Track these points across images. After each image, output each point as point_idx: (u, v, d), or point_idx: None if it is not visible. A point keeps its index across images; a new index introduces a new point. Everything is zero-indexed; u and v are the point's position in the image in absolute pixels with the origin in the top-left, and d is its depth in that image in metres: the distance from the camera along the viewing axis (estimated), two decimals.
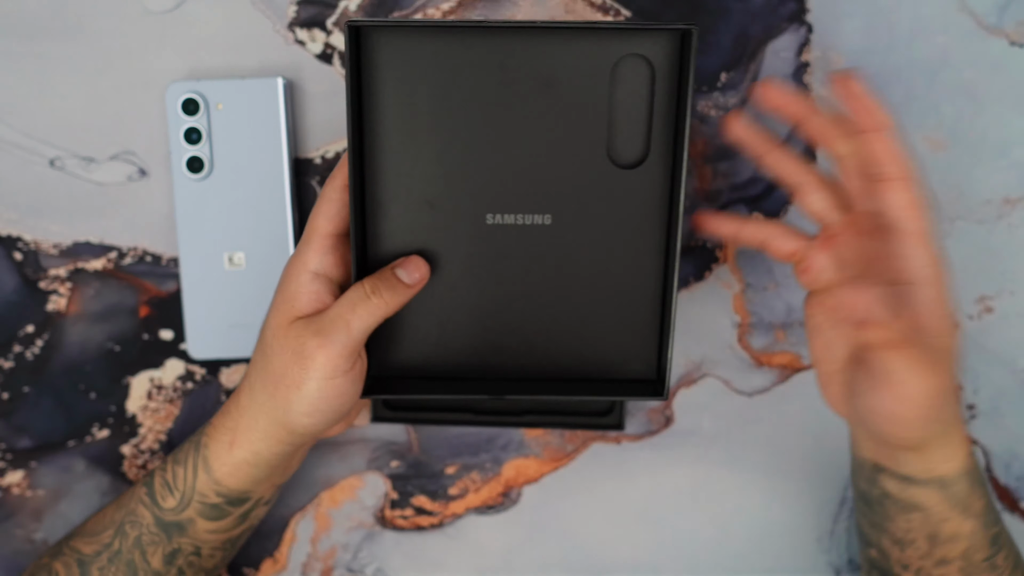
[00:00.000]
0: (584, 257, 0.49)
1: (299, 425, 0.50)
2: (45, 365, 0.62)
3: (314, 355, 0.47)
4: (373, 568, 0.64)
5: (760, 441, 0.63)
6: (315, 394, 0.48)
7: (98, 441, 0.63)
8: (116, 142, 0.61)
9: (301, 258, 0.49)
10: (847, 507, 0.63)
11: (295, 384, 0.48)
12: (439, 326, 0.50)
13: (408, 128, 0.47)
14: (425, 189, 0.48)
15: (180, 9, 0.60)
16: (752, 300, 0.62)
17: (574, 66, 0.46)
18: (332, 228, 0.48)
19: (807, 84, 0.60)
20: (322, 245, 0.49)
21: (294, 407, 0.49)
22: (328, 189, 0.49)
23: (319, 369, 0.47)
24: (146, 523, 0.54)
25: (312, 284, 0.49)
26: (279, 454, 0.52)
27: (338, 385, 0.48)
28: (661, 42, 0.46)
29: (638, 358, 0.51)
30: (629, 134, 0.48)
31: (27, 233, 0.62)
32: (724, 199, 0.61)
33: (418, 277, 0.48)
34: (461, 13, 0.60)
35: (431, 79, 0.46)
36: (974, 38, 0.60)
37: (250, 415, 0.51)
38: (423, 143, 0.47)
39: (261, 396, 0.50)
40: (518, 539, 0.64)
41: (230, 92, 0.59)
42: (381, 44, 0.46)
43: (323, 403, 0.48)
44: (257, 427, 0.51)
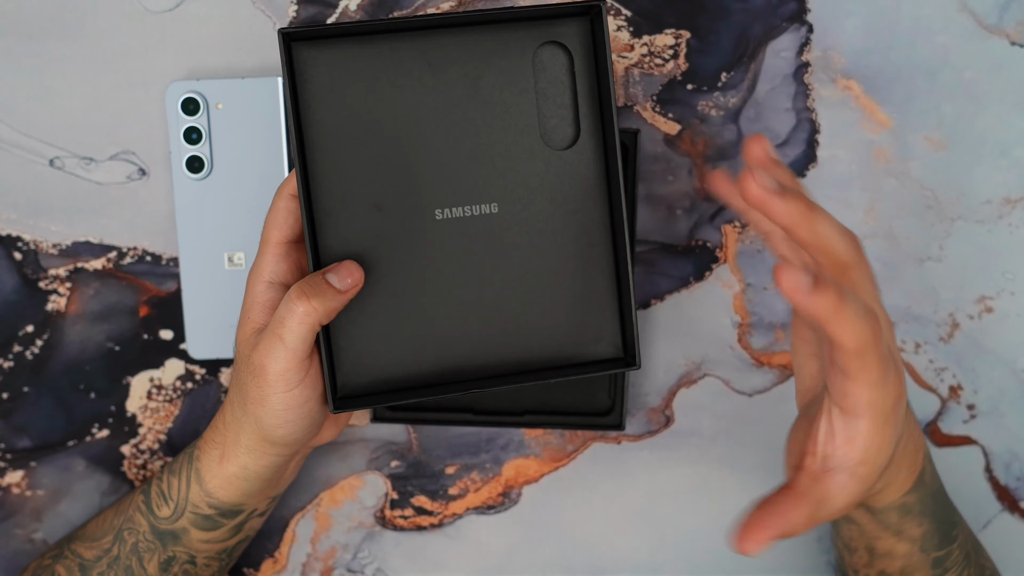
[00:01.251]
0: (535, 241, 0.50)
1: (276, 437, 0.49)
2: (45, 365, 0.62)
3: (264, 371, 0.47)
4: (373, 568, 0.64)
5: (760, 441, 0.63)
6: (279, 406, 0.48)
7: (98, 441, 0.63)
8: (116, 142, 0.61)
9: (256, 269, 0.49)
10: None
11: (258, 400, 0.48)
12: (402, 330, 0.50)
13: (347, 133, 0.48)
14: (371, 192, 0.48)
15: (180, 9, 0.60)
16: (752, 300, 0.62)
17: (496, 57, 0.48)
18: (282, 236, 0.48)
19: (807, 84, 0.60)
20: (274, 253, 0.48)
21: (264, 421, 0.49)
22: (277, 198, 0.49)
23: (272, 384, 0.47)
24: (142, 531, 0.54)
25: (267, 293, 0.48)
26: (268, 466, 0.52)
27: (296, 395, 0.47)
28: (573, 26, 0.48)
29: (603, 338, 0.51)
30: (558, 117, 0.49)
31: (27, 233, 0.62)
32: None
33: (350, 282, 0.47)
34: None
35: (363, 83, 0.47)
36: (974, 38, 0.60)
37: (234, 430, 0.51)
38: (363, 146, 0.48)
39: (239, 412, 0.50)
40: (518, 539, 0.64)
41: (230, 92, 0.59)
42: (311, 52, 0.47)
43: (289, 413, 0.48)
44: (241, 442, 0.51)
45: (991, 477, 0.63)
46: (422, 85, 0.48)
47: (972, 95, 0.60)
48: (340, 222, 0.48)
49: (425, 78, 0.48)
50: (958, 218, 0.61)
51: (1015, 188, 0.61)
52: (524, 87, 0.48)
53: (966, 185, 0.61)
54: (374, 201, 0.48)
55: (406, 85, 0.47)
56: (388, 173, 0.48)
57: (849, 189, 0.61)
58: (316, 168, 0.48)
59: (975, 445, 0.62)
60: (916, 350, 0.62)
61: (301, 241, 0.49)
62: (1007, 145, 0.60)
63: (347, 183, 0.48)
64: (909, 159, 0.61)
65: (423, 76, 0.47)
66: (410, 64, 0.47)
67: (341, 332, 0.49)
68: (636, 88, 0.60)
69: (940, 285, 0.61)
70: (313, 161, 0.48)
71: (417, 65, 0.47)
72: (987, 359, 0.62)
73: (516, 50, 0.48)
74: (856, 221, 0.61)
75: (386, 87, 0.47)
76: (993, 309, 0.62)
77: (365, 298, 0.49)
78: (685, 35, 0.60)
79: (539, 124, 0.49)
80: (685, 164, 0.61)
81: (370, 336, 0.49)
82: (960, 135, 0.60)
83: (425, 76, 0.48)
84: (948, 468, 0.63)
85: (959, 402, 0.62)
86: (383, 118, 0.48)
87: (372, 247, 0.49)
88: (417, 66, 0.47)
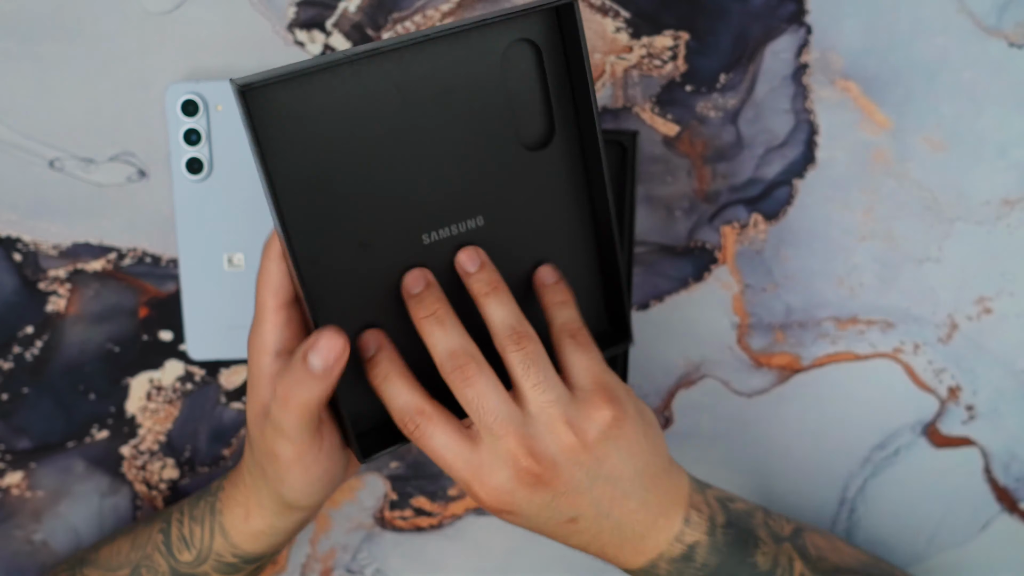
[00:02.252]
0: (524, 247, 0.49)
1: (302, 503, 0.49)
2: (44, 366, 0.62)
3: (278, 453, 0.46)
4: (372, 569, 0.64)
5: (759, 442, 0.63)
6: (299, 480, 0.47)
7: (97, 442, 0.63)
8: (116, 143, 0.61)
9: (259, 340, 0.46)
10: (846, 508, 0.63)
11: (277, 480, 0.47)
12: (405, 361, 0.49)
13: (320, 176, 0.44)
14: (354, 232, 0.46)
15: (179, 10, 0.60)
16: (751, 301, 0.62)
17: (465, 66, 0.46)
18: (279, 301, 0.46)
19: (806, 85, 0.60)
20: (275, 321, 0.46)
21: (287, 495, 0.48)
22: (265, 261, 0.46)
23: (288, 463, 0.46)
24: (162, 571, 0.54)
25: (274, 366, 0.46)
26: (296, 521, 0.51)
27: (314, 471, 0.47)
28: (541, 21, 0.47)
29: (590, 321, 0.51)
30: (531, 116, 0.48)
31: (27, 234, 0.62)
32: (723, 200, 0.61)
33: (333, 358, 0.43)
34: (461, 14, 0.60)
35: (329, 121, 0.44)
36: (974, 39, 0.60)
37: (256, 494, 0.50)
38: (339, 186, 0.45)
39: (260, 481, 0.49)
40: (518, 539, 0.64)
41: (230, 93, 0.59)
42: (268, 99, 0.43)
43: (311, 487, 0.48)
44: (266, 505, 0.50)
45: (990, 478, 0.63)
46: (392, 110, 0.45)
47: (971, 96, 0.60)
48: (328, 270, 0.46)
49: (394, 102, 0.45)
50: (957, 219, 0.61)
51: (1014, 189, 0.61)
52: (496, 91, 0.47)
53: (965, 186, 0.61)
54: (359, 240, 0.46)
55: (375, 114, 0.45)
56: (368, 208, 0.46)
57: (848, 190, 0.61)
58: (293, 219, 0.44)
59: (974, 446, 0.63)
60: (915, 351, 0.62)
61: (296, 303, 0.47)
62: (1006, 146, 0.60)
63: (328, 229, 0.45)
64: (908, 160, 0.61)
65: (391, 101, 0.45)
66: (377, 91, 0.44)
67: (346, 384, 0.48)
68: (635, 89, 0.60)
69: (939, 286, 0.61)
70: (289, 212, 0.44)
71: (384, 90, 0.44)
72: (986, 360, 0.62)
73: (484, 54, 0.46)
74: (855, 222, 0.61)
75: (354, 120, 0.44)
76: (992, 310, 0.62)
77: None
78: (684, 36, 0.60)
79: (514, 127, 0.48)
80: (684, 165, 0.61)
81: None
82: (959, 136, 0.60)
83: (393, 100, 0.45)
84: (947, 469, 0.63)
85: (958, 403, 0.62)
86: (355, 152, 0.45)
87: (364, 288, 0.47)
88: (384, 92, 0.44)
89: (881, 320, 0.62)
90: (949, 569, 0.63)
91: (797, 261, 0.61)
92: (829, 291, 0.62)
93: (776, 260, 0.62)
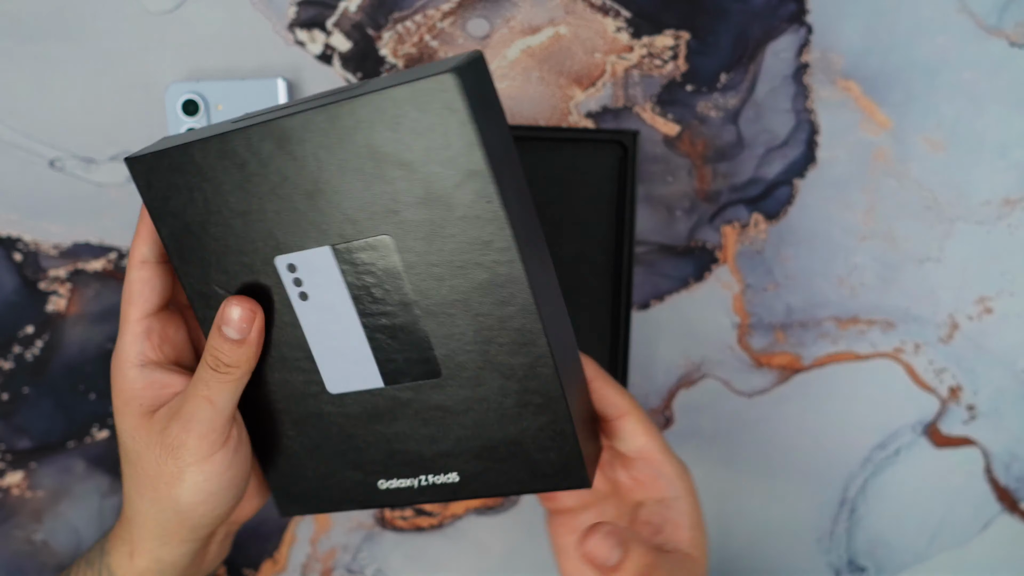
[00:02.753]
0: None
1: (196, 516, 0.46)
2: (45, 366, 0.62)
3: (183, 441, 0.44)
4: (373, 569, 0.64)
5: (760, 442, 0.63)
6: (199, 478, 0.45)
7: (98, 442, 0.63)
8: (116, 143, 0.61)
9: (121, 354, 0.46)
10: (847, 508, 0.63)
11: (175, 477, 0.45)
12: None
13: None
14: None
15: (180, 10, 0.60)
16: (752, 301, 0.62)
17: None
18: (139, 312, 0.45)
19: (807, 85, 0.60)
20: (135, 333, 0.45)
21: (183, 499, 0.45)
22: (127, 271, 0.46)
23: (192, 453, 0.44)
24: None
25: (141, 377, 0.45)
26: (185, 554, 0.48)
27: (218, 461, 0.45)
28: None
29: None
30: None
31: (27, 234, 0.62)
32: (724, 200, 0.61)
33: (244, 326, 0.43)
34: (461, 14, 0.60)
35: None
36: (974, 39, 0.60)
37: (138, 524, 0.47)
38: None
39: (141, 504, 0.46)
40: (518, 539, 0.64)
41: (230, 93, 0.59)
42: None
43: (210, 484, 0.45)
44: (150, 535, 0.47)
45: (991, 478, 0.63)
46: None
47: (971, 96, 0.60)
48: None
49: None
50: (957, 219, 0.61)
51: (1014, 189, 0.61)
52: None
53: (965, 186, 0.61)
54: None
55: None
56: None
57: (848, 190, 0.61)
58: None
59: (975, 446, 0.63)
60: (916, 351, 0.62)
61: (161, 311, 0.46)
62: (1006, 146, 0.60)
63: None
64: (908, 160, 0.61)
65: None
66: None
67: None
68: (635, 89, 0.60)
69: (940, 286, 0.61)
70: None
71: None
72: (987, 360, 0.62)
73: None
74: (855, 222, 0.61)
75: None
76: (993, 310, 0.62)
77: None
78: (684, 36, 0.60)
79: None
80: (685, 165, 0.61)
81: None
82: (959, 136, 0.60)
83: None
84: (948, 469, 0.63)
85: (959, 403, 0.62)
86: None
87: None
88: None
89: (882, 320, 0.62)
90: (950, 569, 0.63)
91: (798, 261, 0.61)
92: (830, 291, 0.62)
93: (777, 260, 0.62)
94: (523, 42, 0.60)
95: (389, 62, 0.60)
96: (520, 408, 0.44)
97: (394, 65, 0.60)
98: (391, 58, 0.60)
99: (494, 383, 0.44)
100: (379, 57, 0.60)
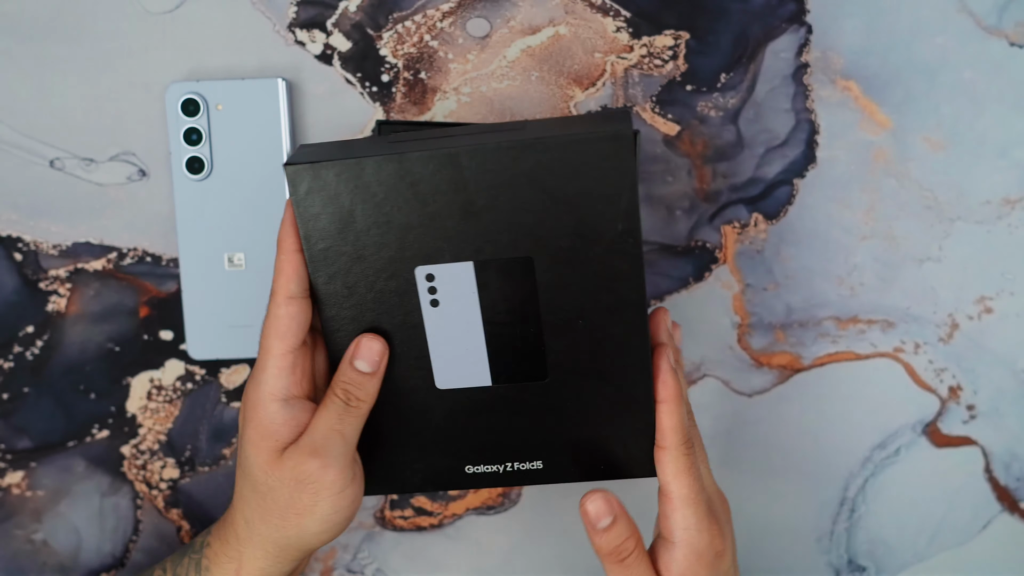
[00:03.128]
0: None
1: (314, 543, 0.49)
2: (45, 365, 0.62)
3: (320, 478, 0.47)
4: (373, 569, 0.64)
5: (760, 441, 0.63)
6: (329, 512, 0.48)
7: (98, 441, 0.63)
8: (116, 143, 0.61)
9: (265, 387, 0.48)
10: (847, 507, 0.63)
11: (306, 510, 0.47)
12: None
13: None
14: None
15: (180, 10, 0.60)
16: (752, 300, 0.62)
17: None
18: (287, 346, 0.47)
19: (807, 85, 0.60)
20: (279, 367, 0.47)
21: (311, 528, 0.48)
22: (272, 306, 0.48)
23: (328, 488, 0.47)
24: None
25: (283, 412, 0.47)
26: (289, 571, 0.51)
27: (348, 495, 0.48)
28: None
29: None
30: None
31: (27, 233, 0.62)
32: (724, 199, 0.61)
33: (376, 359, 0.48)
34: (461, 14, 0.60)
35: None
36: (974, 39, 0.60)
37: (253, 545, 0.50)
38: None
39: (263, 528, 0.49)
40: (518, 539, 0.64)
41: (230, 93, 0.59)
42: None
43: (338, 515, 0.48)
44: (264, 555, 0.50)
45: (991, 477, 0.63)
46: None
47: (971, 96, 0.60)
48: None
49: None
50: (957, 218, 0.61)
51: (1014, 188, 0.61)
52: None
53: (965, 186, 0.61)
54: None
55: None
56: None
57: (848, 190, 0.61)
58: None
59: (975, 445, 0.62)
60: (916, 351, 0.62)
61: (304, 346, 0.48)
62: (1006, 146, 0.60)
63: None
64: (908, 160, 0.61)
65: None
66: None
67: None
68: (635, 89, 0.60)
69: (940, 285, 0.61)
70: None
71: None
72: (987, 359, 0.62)
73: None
74: (856, 221, 0.61)
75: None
76: (993, 309, 0.62)
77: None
78: (684, 36, 0.60)
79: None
80: (684, 165, 0.61)
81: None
82: (959, 136, 0.60)
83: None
84: (948, 468, 0.63)
85: (959, 402, 0.62)
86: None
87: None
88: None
89: (882, 320, 0.62)
90: (950, 569, 0.63)
91: (798, 261, 0.61)
92: (830, 291, 0.62)
93: (776, 260, 0.62)
94: (523, 42, 0.60)
95: (389, 62, 0.60)
96: (613, 411, 0.50)
97: (394, 65, 0.60)
98: (391, 58, 0.60)
99: (594, 388, 0.50)
100: (379, 57, 0.60)
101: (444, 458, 0.52)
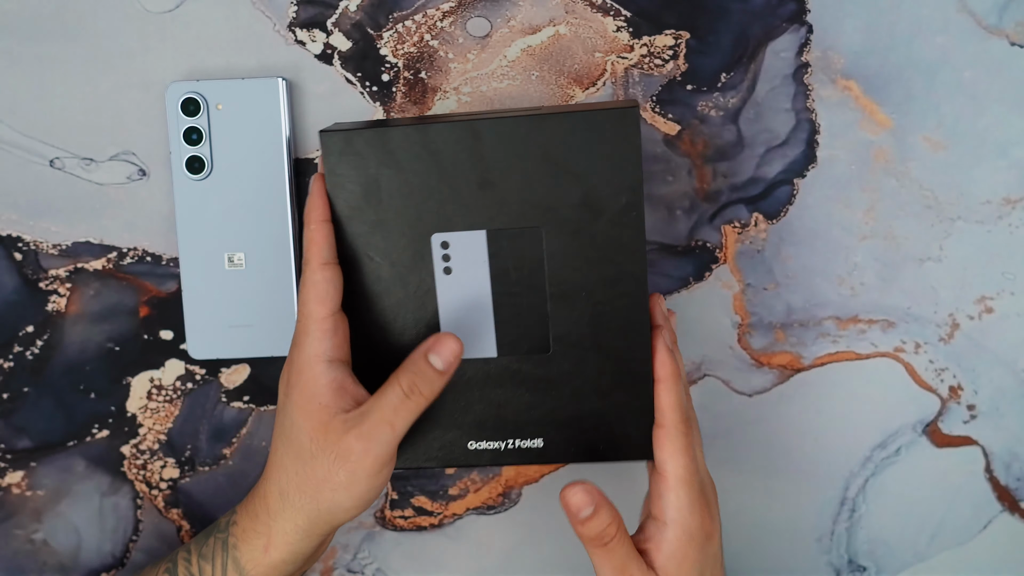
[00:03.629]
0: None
1: (343, 518, 0.50)
2: (45, 365, 0.62)
3: (361, 459, 0.47)
4: (373, 568, 0.64)
5: (760, 441, 0.63)
6: (362, 490, 0.48)
7: (98, 441, 0.63)
8: (116, 142, 0.61)
9: (310, 349, 0.48)
10: (847, 507, 0.63)
11: (342, 486, 0.48)
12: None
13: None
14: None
15: (180, 9, 0.60)
16: (752, 300, 0.62)
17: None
18: (327, 310, 0.48)
19: (807, 84, 0.60)
20: (323, 330, 0.48)
21: (343, 505, 0.48)
22: (308, 272, 0.49)
23: (366, 470, 0.47)
24: None
25: (329, 373, 0.48)
26: (315, 546, 0.52)
27: (383, 477, 0.48)
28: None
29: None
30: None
31: (27, 233, 0.62)
32: (724, 199, 0.61)
33: (451, 360, 0.48)
34: (461, 13, 0.60)
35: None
36: (974, 38, 0.60)
37: (285, 518, 0.50)
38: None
39: (299, 499, 0.49)
40: (518, 539, 0.64)
41: (230, 92, 0.59)
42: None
43: (370, 494, 0.49)
44: (295, 529, 0.50)
45: (991, 477, 0.63)
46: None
47: (972, 95, 0.60)
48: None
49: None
50: (958, 218, 0.61)
51: (1015, 188, 0.61)
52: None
53: (966, 185, 0.61)
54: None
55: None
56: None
57: (849, 189, 0.61)
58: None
59: (975, 445, 0.62)
60: (916, 350, 0.62)
61: (341, 312, 0.50)
62: (1007, 145, 0.60)
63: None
64: (909, 159, 0.61)
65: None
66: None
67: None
68: (636, 89, 0.60)
69: (940, 285, 0.61)
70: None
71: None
72: (987, 359, 0.62)
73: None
74: (856, 221, 0.61)
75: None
76: (993, 309, 0.62)
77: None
78: (684, 36, 0.60)
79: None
80: (685, 165, 0.61)
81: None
82: (960, 135, 0.60)
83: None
84: (948, 468, 0.63)
85: (959, 402, 0.62)
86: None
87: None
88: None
89: (882, 319, 0.62)
90: (950, 568, 0.63)
91: (798, 260, 0.61)
92: (830, 290, 0.62)
93: (777, 259, 0.62)
94: (523, 42, 0.60)
95: (389, 62, 0.60)
96: (614, 385, 0.52)
97: (394, 65, 0.60)
98: (391, 58, 0.60)
99: (595, 362, 0.51)
100: (379, 56, 0.60)
101: (448, 431, 0.53)
